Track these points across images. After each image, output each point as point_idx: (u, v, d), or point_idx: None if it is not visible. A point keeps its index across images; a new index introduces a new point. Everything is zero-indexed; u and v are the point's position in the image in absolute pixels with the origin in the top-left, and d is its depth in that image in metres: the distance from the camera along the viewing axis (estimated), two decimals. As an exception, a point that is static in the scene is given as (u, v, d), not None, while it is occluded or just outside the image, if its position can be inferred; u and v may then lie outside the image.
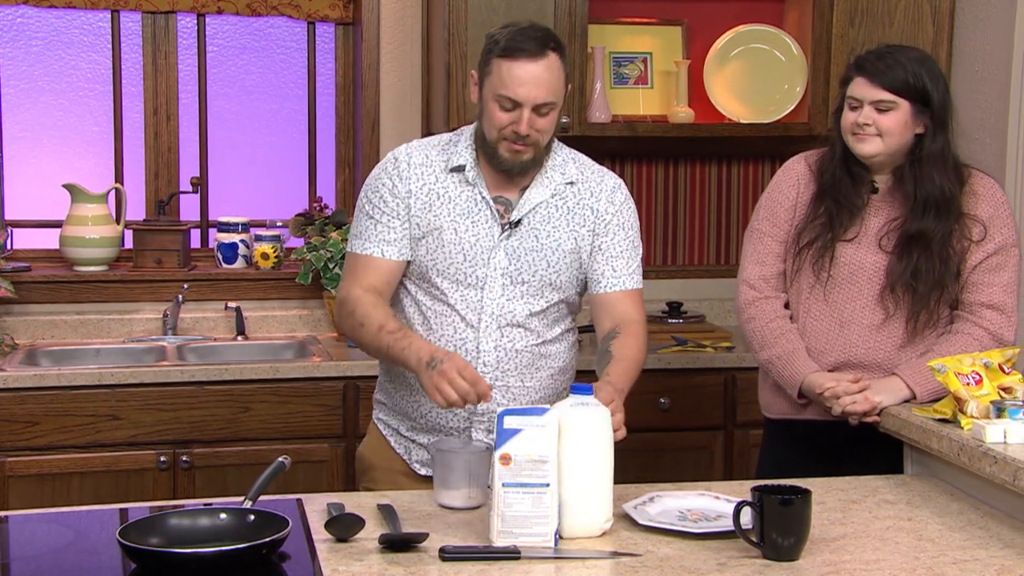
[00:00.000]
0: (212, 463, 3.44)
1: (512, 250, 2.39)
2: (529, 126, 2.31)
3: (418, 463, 2.50)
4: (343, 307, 2.44)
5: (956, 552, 1.98)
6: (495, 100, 2.32)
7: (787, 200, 2.71)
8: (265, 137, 4.19)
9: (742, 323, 2.74)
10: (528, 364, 2.43)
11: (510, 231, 2.39)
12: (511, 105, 2.31)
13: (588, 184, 2.47)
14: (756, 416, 2.93)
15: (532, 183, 2.42)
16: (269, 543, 1.85)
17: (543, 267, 2.41)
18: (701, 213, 4.26)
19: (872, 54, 2.59)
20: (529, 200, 2.41)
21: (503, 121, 2.32)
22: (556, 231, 2.42)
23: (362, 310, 2.37)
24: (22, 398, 3.33)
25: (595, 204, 2.46)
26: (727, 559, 1.92)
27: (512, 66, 2.29)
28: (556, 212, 2.43)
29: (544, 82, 2.30)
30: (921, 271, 2.55)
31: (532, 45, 2.30)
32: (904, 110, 2.55)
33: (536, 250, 2.40)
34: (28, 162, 4.07)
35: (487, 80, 2.34)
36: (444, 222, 2.39)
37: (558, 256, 2.42)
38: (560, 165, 2.45)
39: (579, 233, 2.44)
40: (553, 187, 2.43)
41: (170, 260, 3.96)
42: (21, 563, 1.95)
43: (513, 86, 2.29)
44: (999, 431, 2.18)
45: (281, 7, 4.08)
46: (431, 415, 2.45)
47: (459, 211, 2.40)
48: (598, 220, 2.46)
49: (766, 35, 4.01)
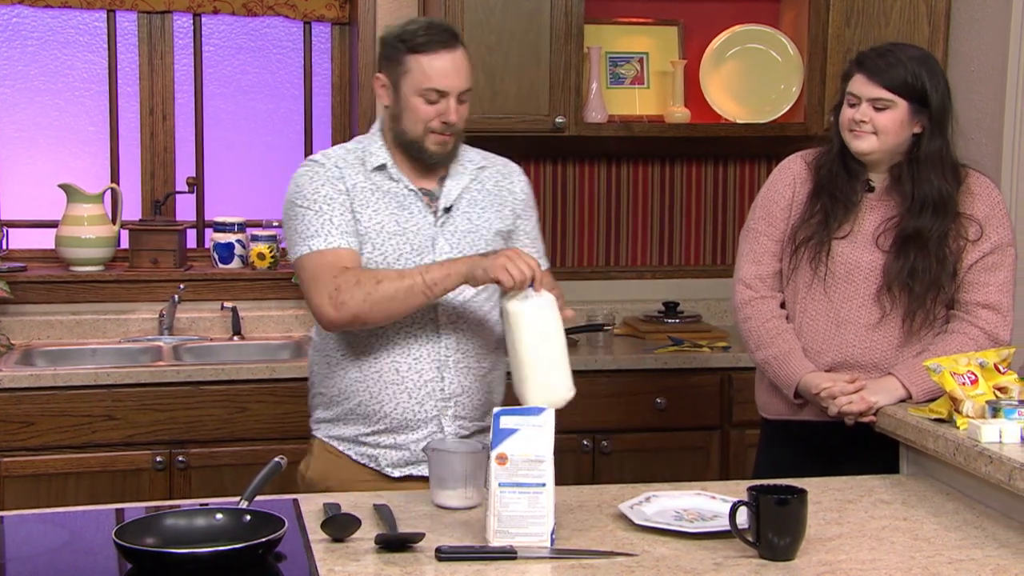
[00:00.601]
0: (208, 463, 3.44)
1: (450, 235, 2.45)
2: (455, 113, 2.41)
3: (390, 466, 2.47)
4: (340, 290, 2.31)
5: (952, 552, 1.99)
6: (419, 95, 2.39)
7: (783, 199, 2.71)
8: (261, 137, 4.19)
9: (738, 322, 2.74)
10: (481, 344, 2.49)
11: (444, 217, 2.46)
12: (437, 97, 2.39)
13: (497, 167, 2.57)
14: (752, 416, 2.94)
15: (449, 172, 2.50)
16: (265, 543, 1.85)
17: (482, 246, 2.47)
18: (697, 213, 4.26)
19: (874, 51, 2.60)
20: (454, 187, 2.48)
21: (429, 114, 2.40)
22: (486, 212, 2.51)
23: (367, 274, 2.33)
24: (18, 398, 3.33)
25: (511, 186, 2.57)
26: (723, 559, 1.92)
27: (433, 59, 2.38)
28: (479, 195, 2.51)
29: (463, 69, 2.41)
30: (918, 270, 2.56)
31: (444, 37, 2.40)
32: (901, 109, 2.55)
33: (473, 231, 2.47)
34: (24, 162, 4.07)
35: (405, 79, 2.40)
36: (384, 216, 2.43)
37: (491, 235, 2.50)
38: (465, 153, 2.54)
39: (503, 213, 2.53)
40: (469, 173, 2.51)
41: (166, 260, 3.96)
42: (17, 563, 1.95)
43: (438, 77, 2.38)
44: (995, 431, 2.18)
45: (277, 7, 4.07)
46: (396, 412, 2.43)
47: (395, 205, 2.44)
48: (517, 201, 2.56)
49: (762, 35, 4.01)
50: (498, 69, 3.73)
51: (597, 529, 2.07)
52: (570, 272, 4.17)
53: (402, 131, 2.44)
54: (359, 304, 2.31)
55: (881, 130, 2.56)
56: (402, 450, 2.46)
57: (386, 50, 2.44)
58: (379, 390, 2.43)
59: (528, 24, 3.73)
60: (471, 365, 2.47)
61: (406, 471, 2.46)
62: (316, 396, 2.56)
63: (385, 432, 2.46)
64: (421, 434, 2.45)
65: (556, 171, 4.15)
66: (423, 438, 2.44)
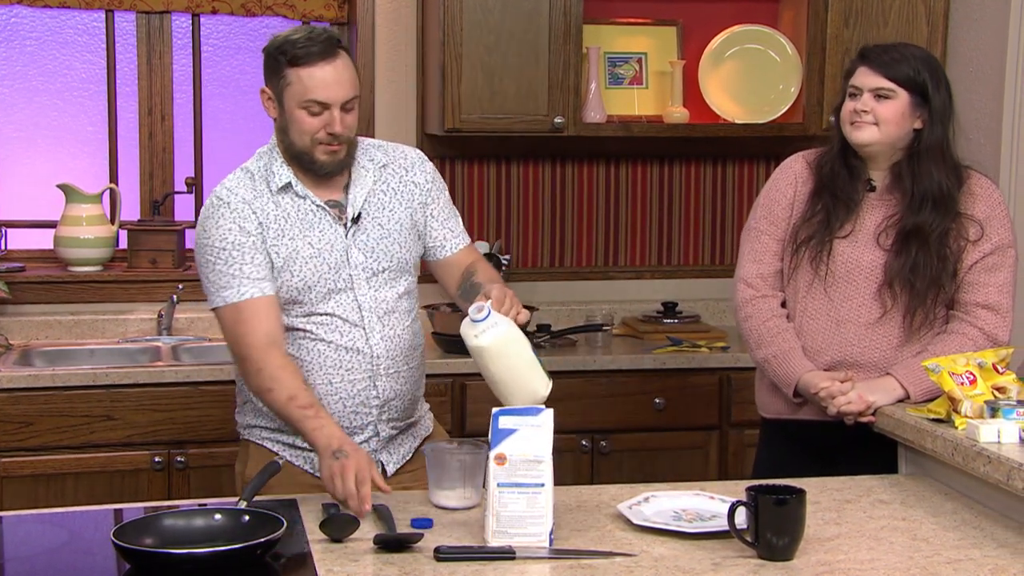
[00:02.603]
0: (207, 463, 3.43)
1: (363, 244, 2.44)
2: (340, 124, 2.37)
3: None
4: (246, 364, 2.35)
5: (950, 552, 1.99)
6: (302, 107, 2.36)
7: (784, 198, 2.71)
8: (260, 137, 4.14)
9: (739, 321, 2.75)
10: (408, 346, 2.50)
11: (354, 228, 2.44)
12: (319, 109, 2.36)
13: (399, 161, 2.54)
14: (751, 416, 2.94)
15: (352, 179, 2.47)
16: (264, 543, 1.85)
17: (396, 250, 2.47)
18: (696, 213, 4.26)
19: (878, 47, 2.62)
20: (358, 195, 2.46)
21: (314, 126, 2.37)
22: (394, 213, 2.49)
23: (269, 371, 2.31)
24: (16, 398, 3.33)
25: (414, 178, 2.54)
26: (722, 559, 1.92)
27: (311, 72, 2.34)
28: (385, 196, 2.50)
29: (345, 79, 2.37)
30: (919, 266, 2.56)
31: (321, 48, 2.35)
32: (903, 100, 2.55)
33: (385, 237, 2.47)
34: (22, 162, 4.07)
35: (287, 91, 2.37)
36: (297, 240, 2.41)
37: (404, 235, 2.49)
38: (365, 152, 2.51)
39: (413, 208, 2.52)
40: (371, 175, 2.49)
41: (165, 260, 3.96)
42: (16, 563, 1.95)
43: (318, 89, 2.34)
44: (993, 431, 2.18)
45: (276, 7, 4.07)
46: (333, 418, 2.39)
47: (305, 225, 2.42)
48: (422, 192, 2.54)
49: (761, 35, 4.01)
50: (497, 69, 3.73)
51: (596, 529, 2.07)
52: (569, 272, 4.17)
53: (291, 143, 2.41)
54: (254, 390, 2.38)
55: (882, 120, 2.56)
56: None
57: (268, 61, 2.40)
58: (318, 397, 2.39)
59: (527, 24, 3.73)
60: (400, 369, 2.47)
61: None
62: (246, 402, 2.53)
63: None
64: (357, 440, 2.43)
65: (555, 171, 4.15)
66: (360, 443, 2.43)
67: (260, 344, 2.33)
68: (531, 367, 2.23)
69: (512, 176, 4.12)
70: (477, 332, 2.17)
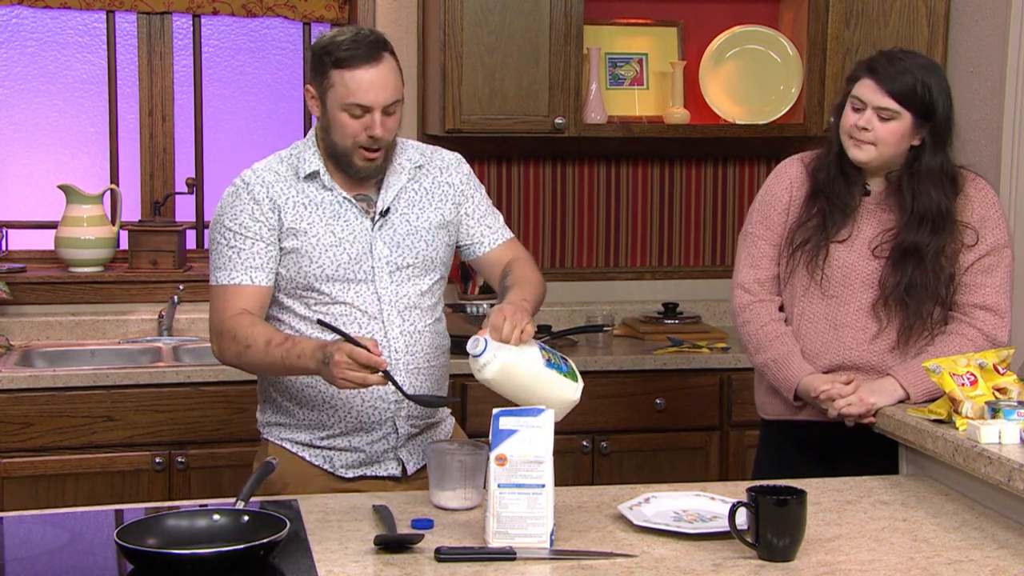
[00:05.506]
0: (207, 464, 3.44)
1: (389, 238, 2.45)
2: (381, 127, 2.38)
3: (343, 467, 2.46)
4: (222, 337, 2.38)
5: (951, 552, 1.99)
6: (343, 110, 2.37)
7: (780, 203, 2.71)
8: (261, 138, 4.19)
9: (737, 326, 2.75)
10: (430, 344, 2.49)
11: (381, 221, 2.45)
12: (361, 112, 2.37)
13: (434, 163, 2.55)
14: (752, 417, 2.94)
15: (386, 176, 2.48)
16: (267, 544, 1.85)
17: (423, 247, 2.47)
18: (697, 214, 4.26)
19: (884, 56, 2.58)
20: (390, 190, 2.47)
21: (356, 129, 2.38)
22: (424, 211, 2.49)
23: (243, 332, 2.34)
24: (17, 399, 3.33)
25: (449, 179, 2.55)
26: (722, 560, 1.92)
27: (354, 74, 2.35)
28: (417, 195, 2.50)
29: (388, 83, 2.37)
30: (915, 285, 2.56)
31: (367, 51, 2.35)
32: (905, 121, 2.55)
33: (412, 233, 2.47)
34: (23, 163, 4.07)
35: (330, 93, 2.38)
36: (318, 227, 2.41)
37: (432, 234, 2.49)
38: (403, 152, 2.52)
39: (444, 208, 2.52)
40: (406, 173, 2.50)
41: (165, 261, 3.96)
42: (16, 564, 1.95)
43: (360, 93, 2.35)
44: (994, 432, 2.18)
45: (276, 8, 4.08)
46: (350, 417, 2.42)
47: (329, 214, 2.43)
48: (456, 192, 2.54)
49: (761, 36, 4.01)
50: (497, 69, 3.73)
51: (596, 530, 2.07)
52: (570, 273, 4.17)
53: (332, 143, 2.42)
54: (233, 359, 2.39)
55: (881, 141, 2.55)
56: (356, 452, 2.45)
57: (314, 61, 2.41)
58: (332, 396, 2.42)
59: (528, 25, 3.73)
60: (420, 366, 2.46)
61: (359, 472, 2.46)
62: (266, 401, 2.54)
63: (340, 435, 2.45)
64: (375, 436, 2.44)
65: (556, 172, 4.15)
66: (377, 439, 2.44)
67: (232, 316, 2.37)
68: (546, 382, 2.17)
69: (513, 177, 4.12)
70: (479, 367, 2.15)
